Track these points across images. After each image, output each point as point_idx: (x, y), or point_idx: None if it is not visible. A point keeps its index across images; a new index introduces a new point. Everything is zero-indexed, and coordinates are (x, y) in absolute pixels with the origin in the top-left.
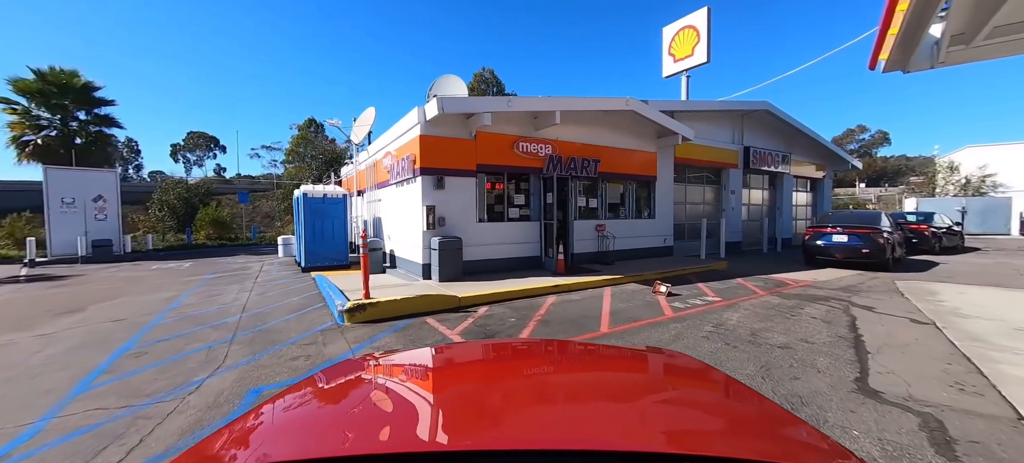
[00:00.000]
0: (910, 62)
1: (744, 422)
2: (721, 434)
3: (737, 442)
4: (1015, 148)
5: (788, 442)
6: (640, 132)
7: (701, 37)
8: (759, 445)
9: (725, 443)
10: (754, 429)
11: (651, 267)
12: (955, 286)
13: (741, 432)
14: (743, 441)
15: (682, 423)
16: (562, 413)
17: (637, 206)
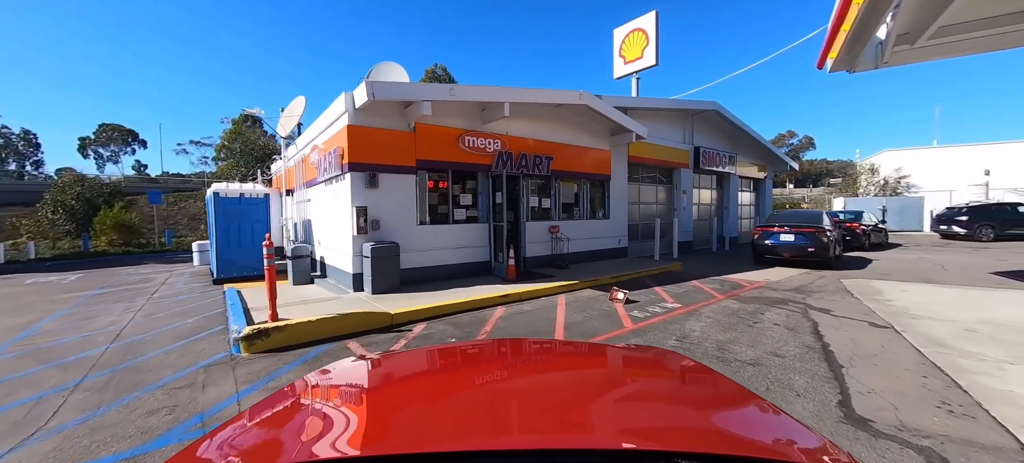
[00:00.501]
0: (856, 62)
1: (735, 418)
2: (713, 431)
3: (729, 438)
4: (925, 152)
5: (780, 438)
6: (594, 129)
7: (650, 40)
8: (752, 441)
9: (718, 439)
10: (746, 425)
11: (607, 270)
12: (896, 284)
13: (733, 428)
14: (735, 437)
15: (676, 420)
16: (556, 412)
17: (592, 206)
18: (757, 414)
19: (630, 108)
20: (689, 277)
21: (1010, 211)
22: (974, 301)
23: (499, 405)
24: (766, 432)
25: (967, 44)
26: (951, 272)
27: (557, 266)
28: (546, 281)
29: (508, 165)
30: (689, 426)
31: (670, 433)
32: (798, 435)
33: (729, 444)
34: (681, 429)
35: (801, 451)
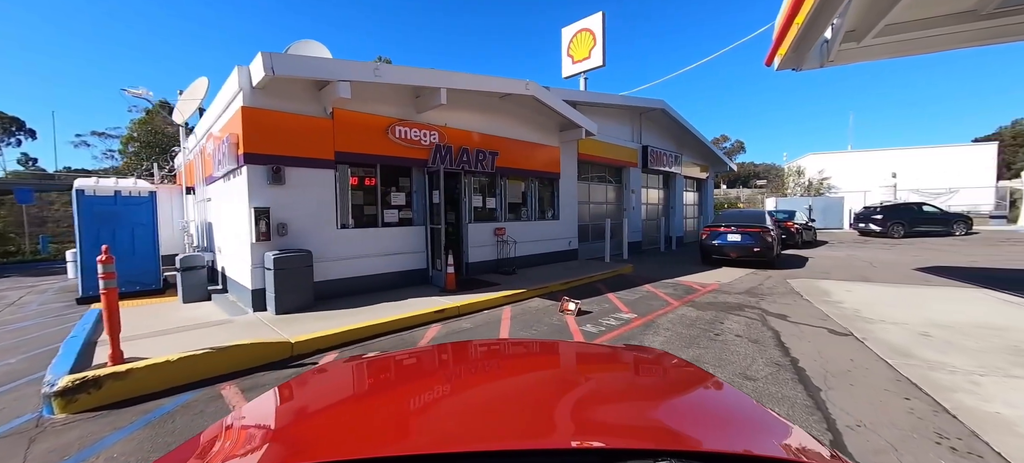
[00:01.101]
0: (803, 60)
1: (726, 418)
2: (700, 428)
3: (720, 437)
4: (842, 156)
5: (766, 434)
6: (542, 124)
7: (597, 40)
8: (743, 441)
9: (704, 436)
10: (737, 425)
11: (556, 275)
12: (838, 283)
13: (724, 428)
14: (725, 436)
15: (662, 418)
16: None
17: (540, 206)
18: (743, 411)
19: (579, 103)
20: (641, 281)
21: (916, 210)
22: (914, 301)
23: (486, 405)
24: (752, 429)
25: (909, 44)
26: (880, 269)
27: (503, 272)
28: (490, 290)
29: (447, 160)
30: (675, 423)
31: (656, 430)
32: (782, 431)
33: (715, 440)
34: (667, 426)
35: (786, 447)
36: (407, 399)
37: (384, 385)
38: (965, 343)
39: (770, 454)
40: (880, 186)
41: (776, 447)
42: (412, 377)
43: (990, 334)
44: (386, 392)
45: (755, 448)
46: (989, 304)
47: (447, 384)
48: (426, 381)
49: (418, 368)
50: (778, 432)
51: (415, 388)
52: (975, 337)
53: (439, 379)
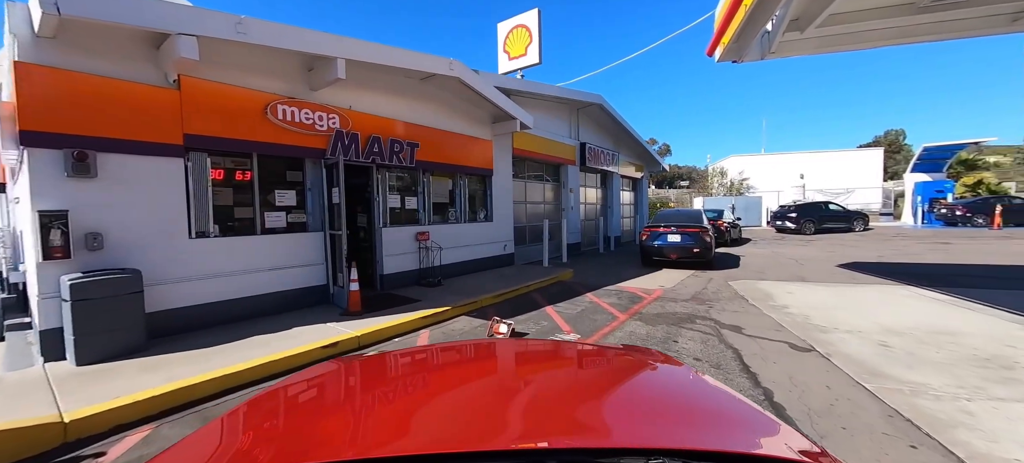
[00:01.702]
0: (744, 52)
1: (718, 416)
2: (697, 428)
3: (712, 436)
4: (758, 158)
5: (760, 435)
6: (473, 114)
7: (533, 37)
8: (735, 439)
9: (701, 436)
10: (729, 423)
11: (489, 285)
12: (777, 284)
13: (716, 426)
14: (718, 435)
15: (659, 418)
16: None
17: (471, 207)
18: (735, 409)
19: (513, 92)
20: (583, 289)
21: (823, 209)
22: (855, 303)
23: (480, 405)
24: (744, 427)
25: (848, 38)
26: (808, 266)
27: (427, 283)
28: (405, 310)
29: (353, 151)
30: (668, 422)
31: (649, 429)
32: (773, 429)
33: (708, 439)
34: (660, 425)
35: (778, 445)
36: (402, 399)
37: (380, 385)
38: (928, 354)
39: (763, 453)
40: (792, 186)
41: (768, 444)
42: (406, 377)
43: (945, 341)
44: (382, 392)
45: (748, 446)
46: (922, 303)
47: (441, 384)
48: (420, 381)
49: (413, 368)
50: (769, 429)
51: (409, 388)
52: (933, 345)
53: (433, 379)
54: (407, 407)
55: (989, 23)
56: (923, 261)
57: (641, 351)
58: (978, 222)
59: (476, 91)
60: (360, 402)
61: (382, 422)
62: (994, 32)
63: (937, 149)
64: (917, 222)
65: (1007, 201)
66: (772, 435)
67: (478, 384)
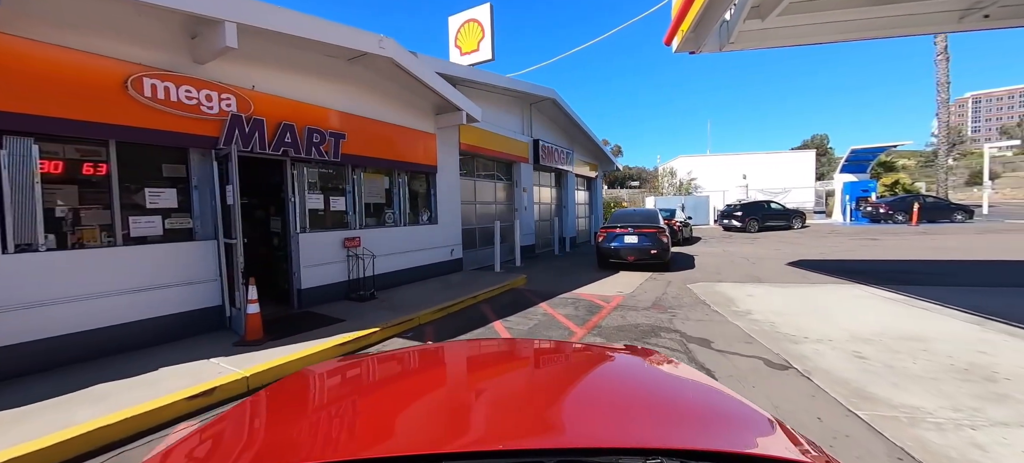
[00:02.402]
0: (702, 42)
1: (718, 416)
2: (696, 428)
3: (712, 435)
4: (705, 159)
5: (758, 434)
6: (413, 103)
7: (485, 32)
8: (733, 439)
9: (700, 436)
10: (731, 424)
11: (431, 297)
12: (735, 286)
13: (716, 426)
14: (716, 435)
15: (659, 417)
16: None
17: (413, 207)
18: (735, 409)
19: (460, 81)
20: (537, 298)
21: (766, 208)
22: (815, 306)
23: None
24: (744, 427)
25: (810, 30)
26: (760, 266)
27: (358, 297)
28: (321, 335)
29: (256, 140)
30: (667, 421)
31: (648, 429)
32: (772, 429)
33: (707, 439)
34: (659, 425)
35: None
36: (399, 399)
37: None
38: (906, 365)
39: (763, 453)
40: (736, 186)
41: (767, 444)
42: (404, 376)
43: (916, 349)
44: (380, 391)
45: (747, 446)
46: (877, 303)
47: (440, 383)
48: (419, 381)
49: (411, 367)
50: (768, 430)
51: (409, 388)
52: (906, 354)
53: (432, 378)
54: (405, 407)
55: (937, 20)
56: (861, 257)
57: (640, 350)
58: (898, 219)
59: (414, 76)
60: (357, 402)
61: (379, 422)
62: (942, 29)
63: (862, 151)
64: (846, 220)
65: (922, 199)
66: (772, 435)
67: (476, 383)
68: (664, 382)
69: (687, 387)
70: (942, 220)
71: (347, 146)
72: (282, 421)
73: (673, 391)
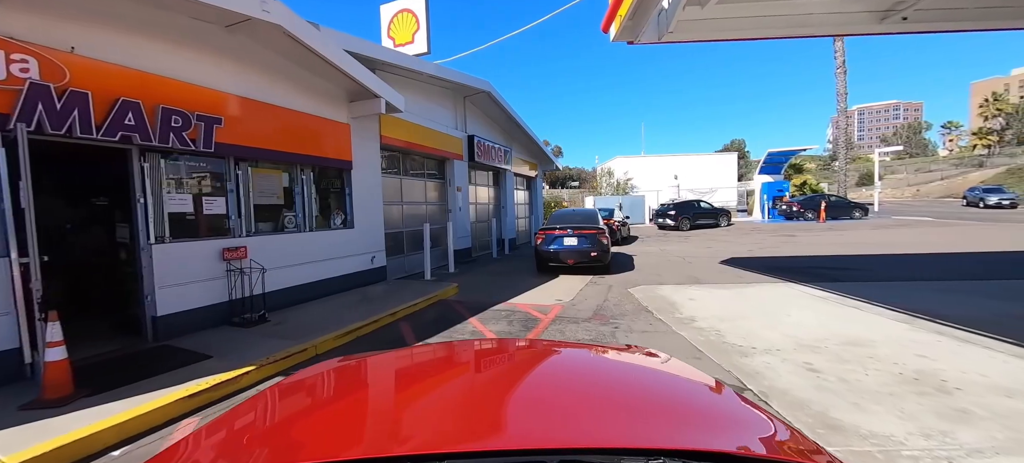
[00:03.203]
0: (640, 31)
1: (721, 416)
2: (699, 428)
3: (715, 435)
4: (640, 160)
5: (766, 437)
6: (319, 87)
7: (420, 24)
8: (738, 439)
9: (703, 436)
10: (733, 424)
11: (338, 316)
12: (677, 289)
13: (719, 426)
14: (719, 435)
15: (661, 418)
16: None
17: (322, 209)
18: (737, 409)
19: (380, 64)
20: (467, 311)
21: (696, 207)
22: (757, 308)
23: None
24: (747, 427)
25: (749, 23)
26: (696, 265)
27: (242, 322)
28: (165, 384)
29: (75, 121)
30: (670, 422)
31: (650, 429)
32: (776, 429)
33: (710, 439)
34: (661, 425)
35: (781, 446)
36: (401, 399)
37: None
38: (861, 379)
39: (766, 454)
40: (668, 186)
41: (770, 445)
42: (406, 375)
43: (863, 356)
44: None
45: (751, 447)
46: (812, 304)
47: (441, 383)
48: (420, 380)
49: (412, 366)
50: (771, 430)
51: (409, 387)
52: (855, 363)
53: (433, 378)
54: (406, 406)
55: (860, 20)
56: (784, 254)
57: (641, 350)
58: (808, 216)
59: (313, 51)
60: (359, 401)
61: (380, 422)
62: (866, 30)
63: (777, 154)
64: (765, 217)
65: (827, 199)
66: (776, 436)
67: (479, 382)
68: (667, 382)
69: (691, 387)
70: (843, 217)
71: (226, 133)
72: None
73: (676, 391)
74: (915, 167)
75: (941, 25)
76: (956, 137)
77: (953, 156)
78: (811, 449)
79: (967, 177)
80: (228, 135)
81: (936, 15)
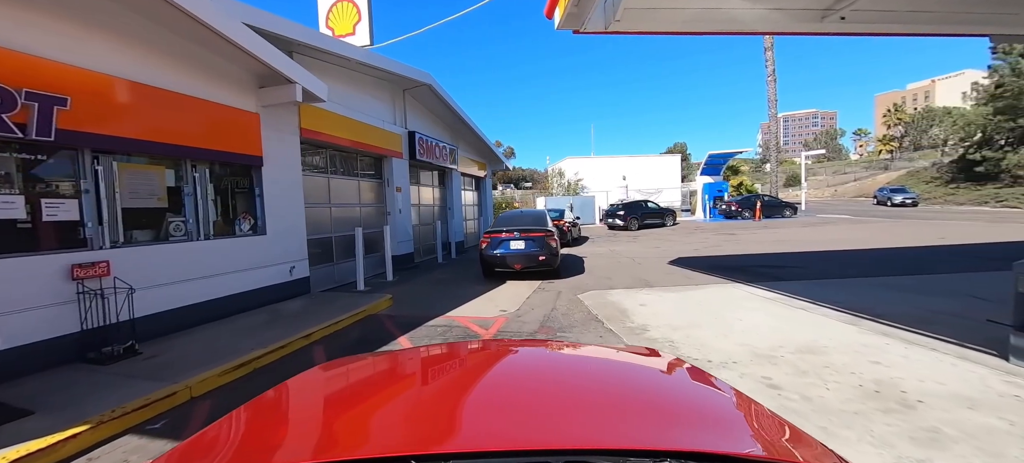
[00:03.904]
0: (586, 18)
1: (728, 419)
2: (706, 430)
3: (723, 437)
4: (590, 160)
5: (772, 439)
6: (217, 68)
7: (362, 15)
8: (743, 441)
9: (710, 438)
10: (738, 425)
11: (235, 343)
12: (627, 294)
13: (726, 428)
14: (728, 438)
15: (668, 419)
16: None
17: (224, 213)
18: (745, 411)
19: (298, 45)
20: (399, 328)
21: (644, 207)
22: (708, 313)
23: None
24: (755, 429)
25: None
26: (646, 267)
27: (100, 357)
28: None
29: None
30: (677, 423)
31: (657, 431)
32: (792, 437)
33: (718, 441)
34: (668, 426)
35: (797, 453)
36: (407, 398)
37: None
38: (823, 396)
39: (775, 457)
40: (617, 186)
41: (779, 448)
42: (409, 376)
43: (820, 367)
44: (384, 391)
45: (759, 450)
46: (762, 306)
47: (445, 383)
48: (425, 379)
49: (415, 367)
50: (780, 432)
51: (414, 387)
52: (816, 376)
53: (438, 377)
54: (411, 406)
55: (803, 17)
56: (728, 253)
57: (648, 350)
58: (746, 215)
59: (197, 20)
60: (363, 401)
61: (385, 421)
62: (807, 28)
63: (717, 156)
64: (706, 217)
65: (763, 198)
66: (784, 438)
67: (482, 383)
68: (673, 383)
69: (697, 388)
70: (776, 215)
71: (76, 119)
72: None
73: (682, 391)
74: (833, 169)
75: (877, 26)
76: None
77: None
78: (821, 452)
79: (876, 178)
80: (80, 121)
81: (872, 17)
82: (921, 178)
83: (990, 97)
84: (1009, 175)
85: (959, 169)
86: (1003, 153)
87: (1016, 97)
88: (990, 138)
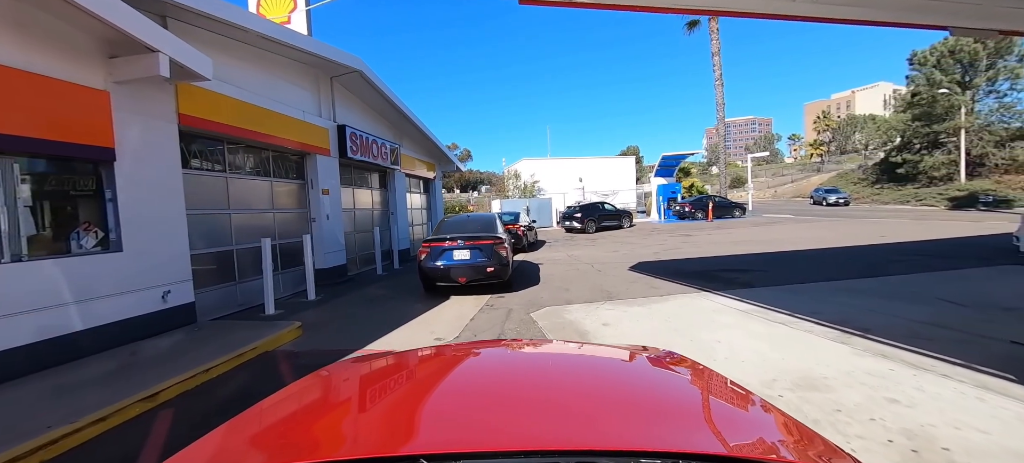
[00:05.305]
0: None
1: (737, 418)
2: (719, 431)
3: (737, 440)
4: (546, 162)
5: (782, 439)
6: (42, 27)
7: (298, 3)
8: (753, 441)
9: (724, 440)
10: (748, 425)
11: (29, 415)
12: (586, 310)
13: (734, 428)
14: (740, 438)
15: (678, 420)
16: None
17: (55, 223)
18: (755, 411)
19: (172, 6)
20: (296, 372)
21: (601, 208)
22: (682, 333)
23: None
24: (765, 432)
25: None
26: (606, 274)
27: None
28: None
29: None
30: (687, 424)
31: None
32: (801, 437)
33: (727, 441)
34: (673, 428)
35: (805, 453)
36: (416, 398)
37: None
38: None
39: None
40: (574, 188)
41: (788, 449)
42: (421, 375)
43: (830, 407)
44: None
45: (772, 451)
46: (738, 322)
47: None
48: (436, 379)
49: (428, 366)
50: (793, 434)
51: (424, 386)
52: (829, 425)
53: (448, 377)
54: (421, 405)
55: None
56: (688, 256)
57: (656, 351)
58: (698, 216)
59: None
60: (375, 400)
61: (395, 420)
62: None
63: (670, 157)
64: (661, 218)
65: (714, 200)
66: (796, 440)
67: (491, 383)
68: (685, 384)
69: (710, 389)
70: (727, 216)
71: None
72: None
73: (694, 392)
74: (772, 172)
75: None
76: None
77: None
78: (837, 454)
79: (810, 180)
80: None
81: None
82: (850, 179)
83: (907, 105)
84: (926, 176)
85: (882, 171)
86: (920, 156)
87: (930, 105)
88: (908, 142)
